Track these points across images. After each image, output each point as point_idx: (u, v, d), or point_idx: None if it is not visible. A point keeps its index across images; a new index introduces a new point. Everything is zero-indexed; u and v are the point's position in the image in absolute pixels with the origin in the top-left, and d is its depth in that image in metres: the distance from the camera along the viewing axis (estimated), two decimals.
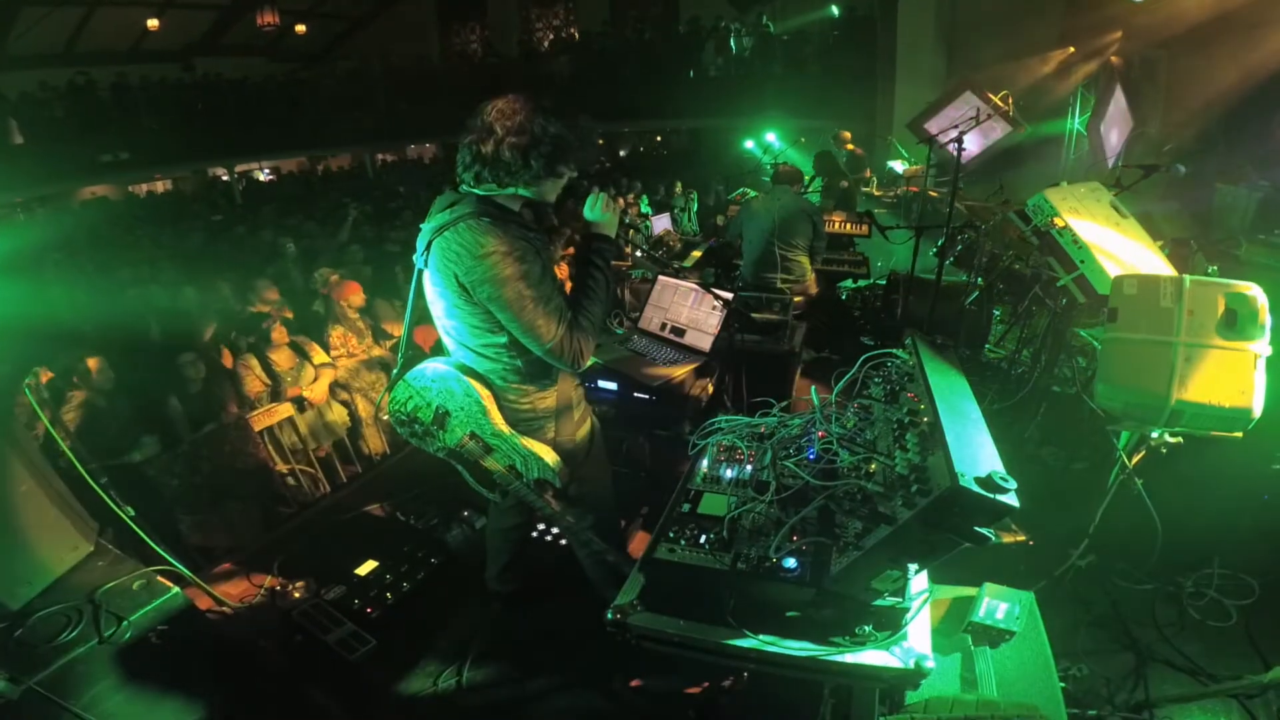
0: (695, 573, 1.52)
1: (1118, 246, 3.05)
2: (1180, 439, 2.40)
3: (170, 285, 5.81)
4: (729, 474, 1.81)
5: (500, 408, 2.07)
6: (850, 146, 8.48)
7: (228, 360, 4.33)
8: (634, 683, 2.37)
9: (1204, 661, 2.42)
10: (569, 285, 2.11)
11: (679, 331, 3.50)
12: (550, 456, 2.09)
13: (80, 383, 3.66)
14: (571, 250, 5.62)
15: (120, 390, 3.75)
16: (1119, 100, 7.06)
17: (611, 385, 3.19)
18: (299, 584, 2.89)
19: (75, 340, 4.06)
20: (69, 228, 9.11)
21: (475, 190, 1.95)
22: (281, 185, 14.97)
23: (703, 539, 1.58)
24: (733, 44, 13.22)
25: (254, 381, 4.26)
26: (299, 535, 3.31)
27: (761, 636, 1.47)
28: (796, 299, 4.33)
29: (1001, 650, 1.98)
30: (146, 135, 12.06)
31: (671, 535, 1.61)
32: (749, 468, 1.82)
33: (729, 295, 3.26)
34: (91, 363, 3.68)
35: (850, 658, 1.44)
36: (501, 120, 1.87)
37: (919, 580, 1.57)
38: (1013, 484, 1.23)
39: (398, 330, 4.92)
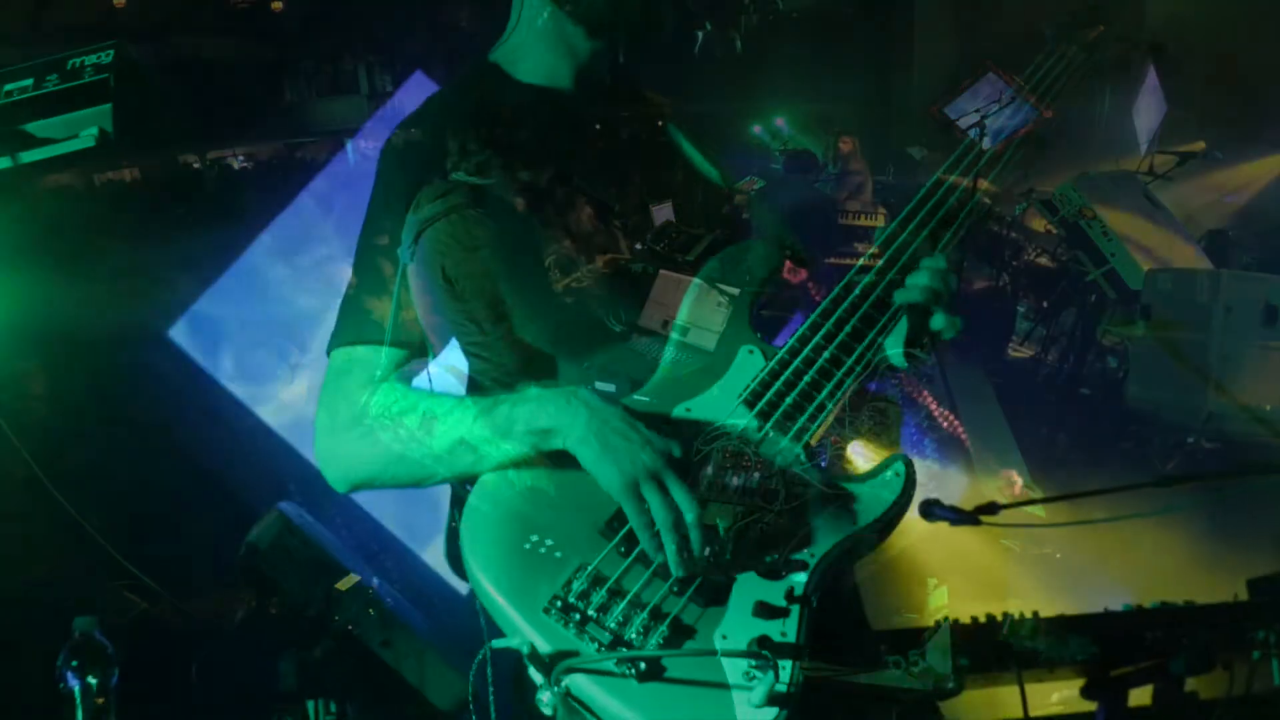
0: None
1: (1151, 239, 3.05)
2: (1218, 444, 2.40)
3: (130, 278, 5.79)
4: (735, 481, 1.81)
5: (491, 411, 2.07)
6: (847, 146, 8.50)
7: None
8: None
9: None
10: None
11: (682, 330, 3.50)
12: (545, 465, 2.08)
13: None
14: None
15: (77, 396, 3.76)
16: (1153, 81, 7.07)
17: (609, 387, 3.18)
18: (274, 600, 2.89)
19: (31, 342, 4.05)
20: (27, 218, 9.08)
21: (473, 178, 1.95)
22: (257, 174, 14.95)
23: (707, 551, 1.58)
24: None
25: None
26: (275, 547, 3.30)
27: (766, 655, 1.46)
28: None
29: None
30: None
31: None
32: (756, 474, 1.81)
33: (735, 290, 3.27)
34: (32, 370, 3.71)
35: (864, 679, 1.44)
36: None
37: (939, 595, 1.57)
38: (1038, 493, 1.24)
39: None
